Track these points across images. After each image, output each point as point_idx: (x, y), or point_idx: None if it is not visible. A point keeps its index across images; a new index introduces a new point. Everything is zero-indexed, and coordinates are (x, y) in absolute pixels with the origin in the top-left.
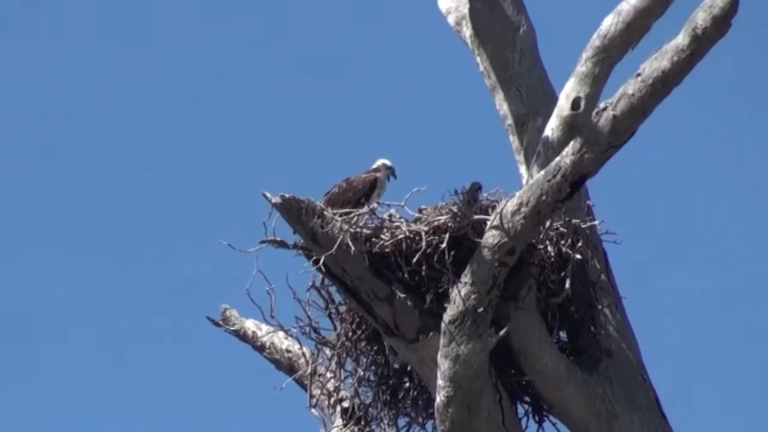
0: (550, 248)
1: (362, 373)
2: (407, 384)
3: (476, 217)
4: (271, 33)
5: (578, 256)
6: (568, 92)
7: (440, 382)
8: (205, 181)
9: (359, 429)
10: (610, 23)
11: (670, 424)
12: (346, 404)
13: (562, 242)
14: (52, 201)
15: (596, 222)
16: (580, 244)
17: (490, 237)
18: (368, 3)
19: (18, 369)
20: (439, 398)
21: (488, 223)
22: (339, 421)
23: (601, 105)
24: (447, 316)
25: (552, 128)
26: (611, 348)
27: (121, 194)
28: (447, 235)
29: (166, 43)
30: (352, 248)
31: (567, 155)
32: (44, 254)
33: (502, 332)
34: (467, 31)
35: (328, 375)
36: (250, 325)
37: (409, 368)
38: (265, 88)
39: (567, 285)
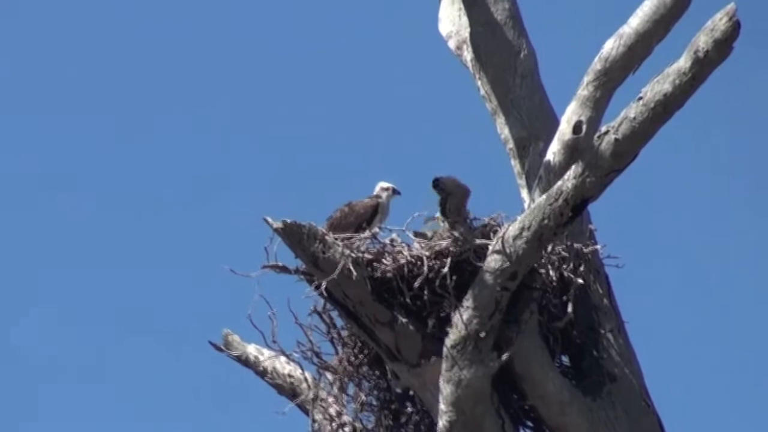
0: (552, 272)
1: (364, 398)
2: (409, 409)
3: (478, 241)
4: (271, 63)
5: (580, 281)
6: (569, 116)
7: (442, 406)
8: (206, 206)
9: None
10: (611, 47)
11: None
12: (348, 429)
13: (564, 266)
14: (54, 226)
15: (598, 246)
16: (582, 268)
17: (492, 261)
18: (368, 27)
19: (19, 412)
20: (442, 423)
21: (490, 247)
22: None
23: (603, 129)
24: (449, 341)
25: (553, 152)
26: (614, 372)
27: (125, 218)
28: (449, 260)
29: (166, 80)
30: (354, 273)
31: (569, 179)
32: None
33: (504, 357)
34: (468, 55)
35: (330, 400)
36: (252, 350)
37: (411, 393)
38: (266, 115)
39: (569, 309)
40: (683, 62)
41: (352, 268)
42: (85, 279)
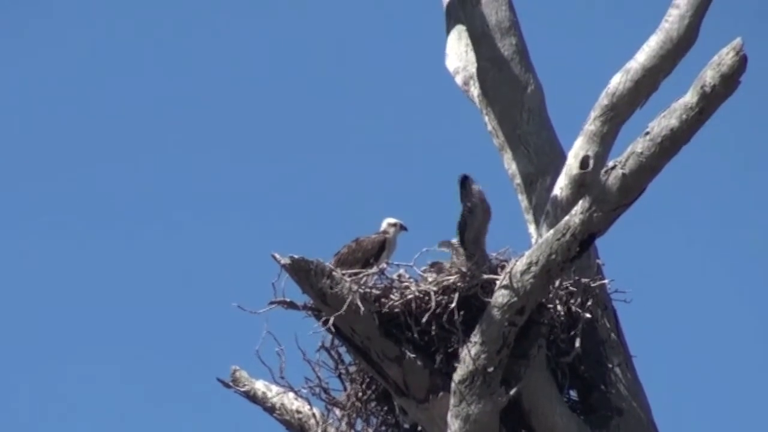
0: (559, 307)
1: None
2: None
3: (485, 276)
4: (279, 97)
5: (588, 315)
6: (576, 151)
7: None
8: (214, 242)
9: None
10: (618, 81)
11: None
12: None
13: (572, 301)
14: (56, 268)
15: (606, 281)
16: (589, 303)
17: (500, 296)
18: (376, 63)
19: None
20: None
21: (498, 282)
22: None
23: (610, 163)
24: (457, 376)
25: (561, 187)
26: (622, 407)
27: (131, 251)
28: (456, 295)
29: (167, 105)
30: (362, 308)
31: (576, 214)
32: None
33: (512, 391)
34: (475, 90)
35: None
36: (260, 386)
37: (419, 428)
38: (273, 151)
39: (577, 344)
40: (690, 97)
41: (359, 303)
42: (91, 316)
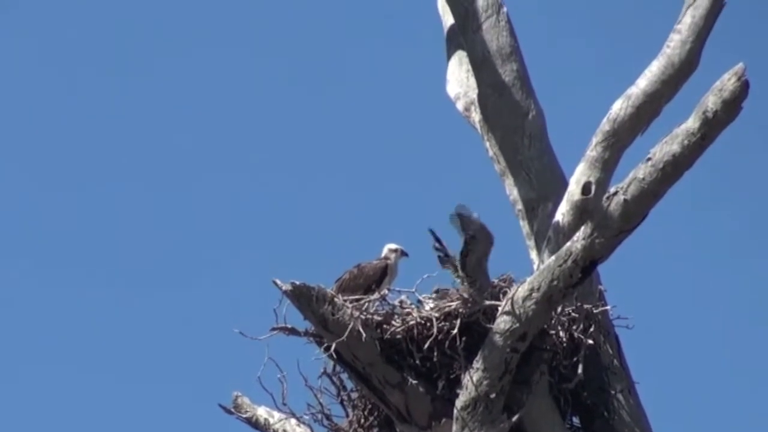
0: (561, 333)
1: None
2: None
3: (487, 302)
4: (277, 125)
5: (590, 342)
6: (578, 177)
7: None
8: (215, 269)
9: None
10: (619, 107)
11: None
12: None
13: (574, 327)
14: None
15: (608, 307)
16: (592, 329)
17: (502, 323)
18: (376, 89)
19: None
20: None
21: (499, 308)
22: None
23: (612, 189)
24: (459, 402)
25: (562, 213)
26: None
27: (135, 282)
28: (458, 321)
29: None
30: (364, 335)
31: (578, 240)
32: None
33: (514, 418)
34: (476, 116)
35: None
36: (262, 412)
37: None
38: (273, 177)
39: (579, 370)
40: (692, 123)
41: (361, 329)
42: (92, 336)
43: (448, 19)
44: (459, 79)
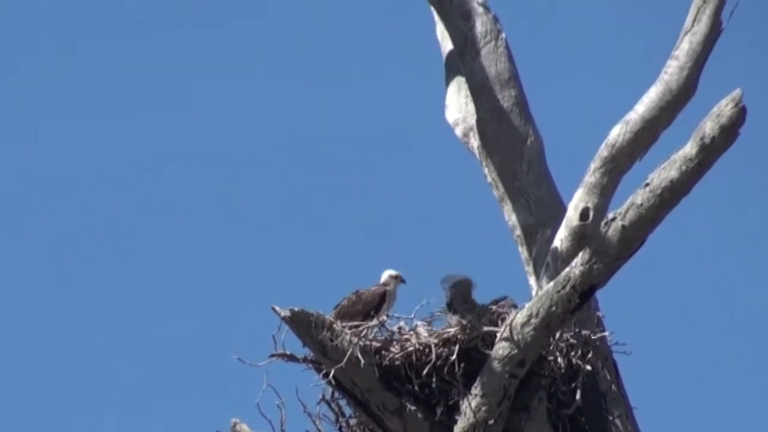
0: (560, 359)
1: None
2: None
3: (486, 328)
4: (275, 154)
5: (588, 368)
6: (576, 203)
7: None
8: (213, 295)
9: None
10: (617, 133)
11: None
12: None
13: (572, 353)
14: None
15: (606, 333)
16: (590, 355)
17: (500, 349)
18: (374, 115)
19: None
20: None
21: (498, 334)
22: None
23: (610, 215)
24: (458, 428)
25: (561, 239)
26: None
27: (134, 312)
28: (457, 347)
29: (167, 159)
30: (362, 361)
31: (576, 266)
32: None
33: None
34: (475, 142)
35: None
36: None
37: None
38: (270, 204)
39: (578, 396)
40: (689, 148)
41: (360, 356)
42: (89, 356)
43: (447, 45)
44: (458, 105)
